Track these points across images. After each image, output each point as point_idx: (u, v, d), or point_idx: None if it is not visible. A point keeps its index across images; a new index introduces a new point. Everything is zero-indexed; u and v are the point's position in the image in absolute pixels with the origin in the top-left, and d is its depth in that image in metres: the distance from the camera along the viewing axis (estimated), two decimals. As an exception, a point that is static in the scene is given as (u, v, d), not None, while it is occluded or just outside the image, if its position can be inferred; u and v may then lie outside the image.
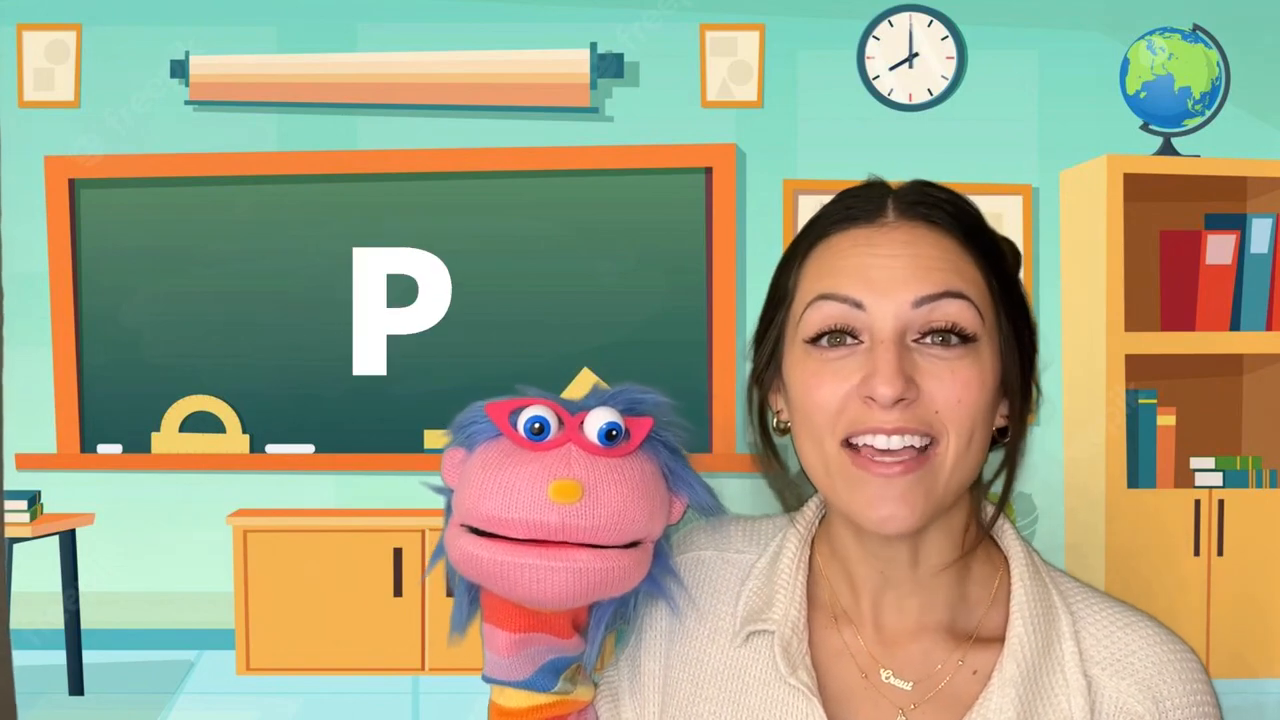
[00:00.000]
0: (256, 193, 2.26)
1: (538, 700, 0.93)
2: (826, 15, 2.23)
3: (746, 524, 1.01)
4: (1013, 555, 0.94)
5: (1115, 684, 0.89)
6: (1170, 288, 2.18)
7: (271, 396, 2.26)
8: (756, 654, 0.92)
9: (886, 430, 0.85)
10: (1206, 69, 2.15)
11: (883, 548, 0.91)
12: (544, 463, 0.86)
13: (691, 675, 0.95)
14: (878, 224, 0.90)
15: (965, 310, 0.86)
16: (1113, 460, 2.10)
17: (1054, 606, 0.92)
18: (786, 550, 0.96)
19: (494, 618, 0.90)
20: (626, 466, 0.88)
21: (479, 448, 0.89)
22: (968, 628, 0.92)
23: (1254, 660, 2.15)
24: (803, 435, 0.90)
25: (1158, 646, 0.91)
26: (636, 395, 0.92)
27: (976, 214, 0.92)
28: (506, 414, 0.88)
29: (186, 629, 2.23)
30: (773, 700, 0.90)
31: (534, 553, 0.84)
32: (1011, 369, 0.89)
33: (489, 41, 2.23)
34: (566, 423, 0.88)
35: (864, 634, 0.93)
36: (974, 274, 0.88)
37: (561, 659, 0.92)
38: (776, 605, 0.93)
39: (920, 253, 0.87)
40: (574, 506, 0.84)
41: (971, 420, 0.86)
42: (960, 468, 0.87)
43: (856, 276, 0.88)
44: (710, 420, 2.23)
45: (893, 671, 0.91)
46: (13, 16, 2.22)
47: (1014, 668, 0.88)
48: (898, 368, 0.84)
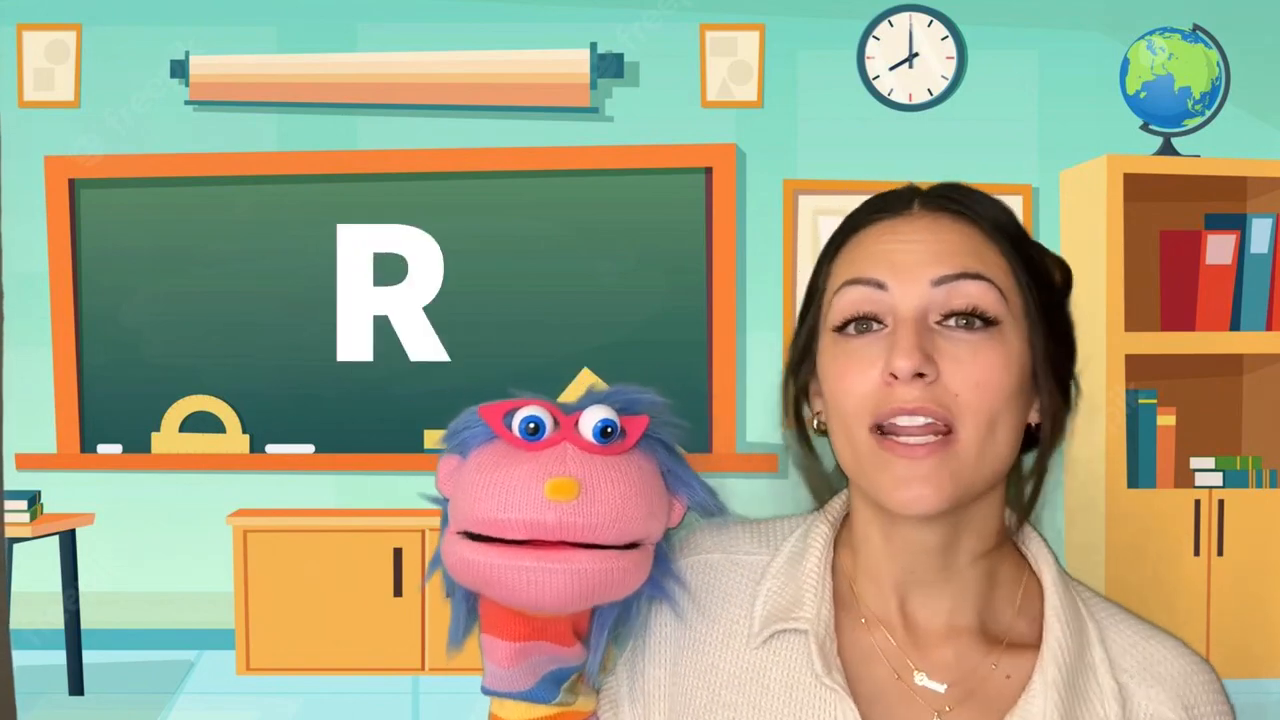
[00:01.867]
0: (256, 193, 2.26)
1: (539, 712, 0.92)
2: (826, 15, 2.23)
3: (753, 526, 1.00)
4: (1043, 561, 0.94)
5: (1146, 691, 0.89)
6: (1170, 288, 2.18)
7: (271, 396, 2.26)
8: (778, 655, 0.91)
9: (909, 409, 0.84)
10: (1206, 69, 2.15)
11: (912, 537, 0.90)
12: (540, 461, 0.85)
13: (705, 682, 0.93)
14: (903, 214, 0.90)
15: (986, 292, 0.87)
16: (1113, 460, 2.10)
17: (1081, 615, 0.92)
18: (813, 548, 0.95)
19: (493, 627, 0.89)
20: (623, 464, 0.87)
21: (473, 452, 0.88)
22: (998, 632, 0.92)
23: (1254, 660, 2.15)
24: (836, 427, 0.90)
25: (1182, 657, 0.92)
26: (632, 395, 0.91)
27: (1006, 211, 0.92)
28: (500, 416, 0.87)
29: (186, 629, 2.23)
30: (799, 703, 0.89)
31: (531, 555, 0.84)
32: (1041, 360, 0.89)
33: (489, 41, 2.23)
34: (561, 422, 0.87)
35: (895, 635, 0.92)
36: (998, 260, 0.88)
37: (563, 669, 0.91)
38: (806, 604, 0.92)
39: (942, 238, 0.88)
40: (571, 504, 0.83)
41: (992, 406, 0.85)
42: (986, 456, 0.87)
43: (880, 261, 0.88)
44: (710, 420, 2.23)
45: (926, 673, 0.90)
46: (13, 16, 2.22)
47: (1055, 670, 0.88)
48: (916, 342, 0.84)
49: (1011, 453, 0.89)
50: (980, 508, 0.90)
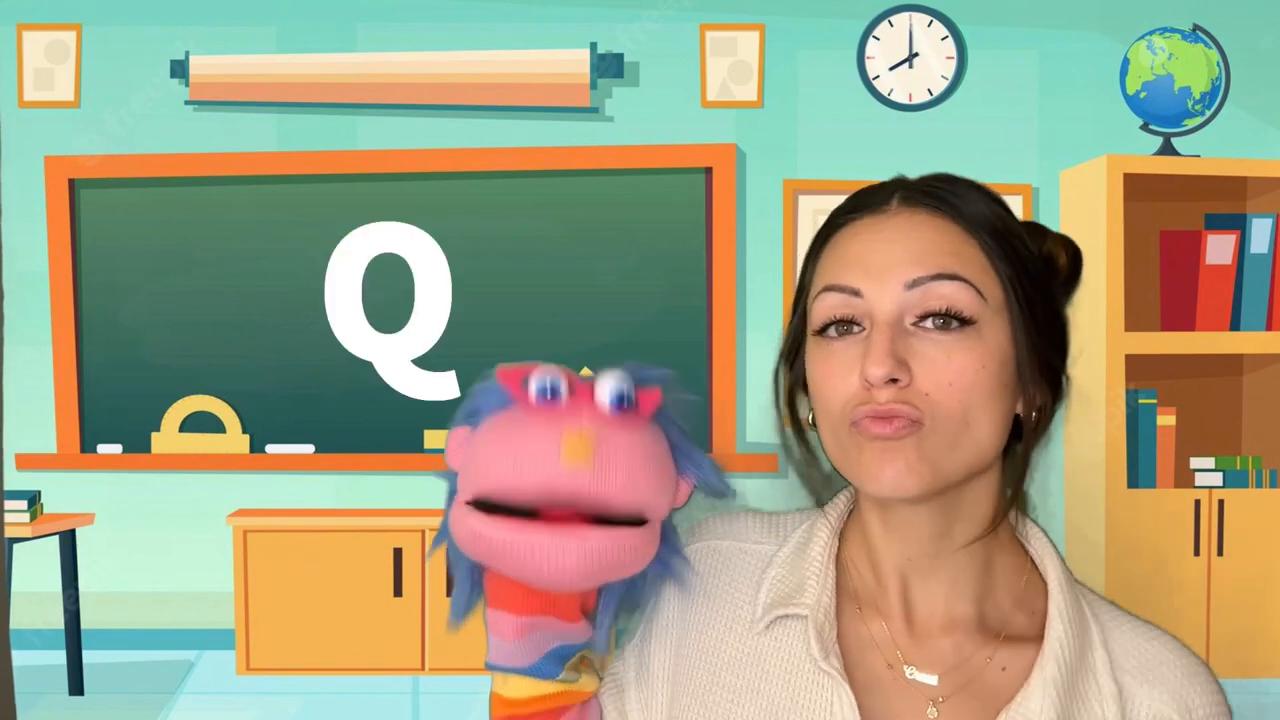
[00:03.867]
0: (256, 193, 2.26)
1: (542, 689, 0.92)
2: (826, 15, 2.23)
3: (763, 517, 1.01)
4: (1047, 556, 0.95)
5: (1146, 691, 0.90)
6: (1170, 288, 2.18)
7: (271, 396, 2.26)
8: (779, 641, 0.92)
9: (882, 413, 0.85)
10: (1206, 69, 2.15)
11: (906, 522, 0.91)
12: (554, 420, 0.85)
13: (706, 664, 0.95)
14: (881, 211, 0.91)
15: (961, 291, 0.87)
16: (1113, 460, 2.10)
17: (1084, 614, 0.92)
18: (817, 538, 0.96)
19: (500, 601, 0.89)
20: (637, 434, 0.88)
21: (486, 420, 0.89)
22: (996, 624, 0.93)
23: (1254, 660, 2.15)
24: (823, 426, 0.91)
25: (1183, 658, 0.93)
26: (643, 370, 0.92)
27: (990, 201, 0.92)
28: (518, 380, 0.88)
29: (186, 629, 2.23)
30: (797, 687, 0.90)
31: (544, 531, 0.84)
32: (1025, 354, 0.89)
33: (489, 41, 2.23)
34: (577, 389, 0.88)
35: (892, 627, 0.93)
36: (976, 256, 0.88)
37: (567, 646, 0.91)
38: (808, 590, 0.93)
39: (917, 236, 0.88)
40: (584, 470, 0.84)
41: (963, 403, 0.86)
42: (962, 445, 0.87)
43: (856, 265, 0.89)
44: (710, 420, 2.23)
45: (916, 667, 0.91)
46: (13, 16, 2.22)
47: (1055, 668, 0.89)
48: (888, 349, 0.85)
49: (994, 444, 0.89)
50: (971, 492, 0.91)
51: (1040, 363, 0.90)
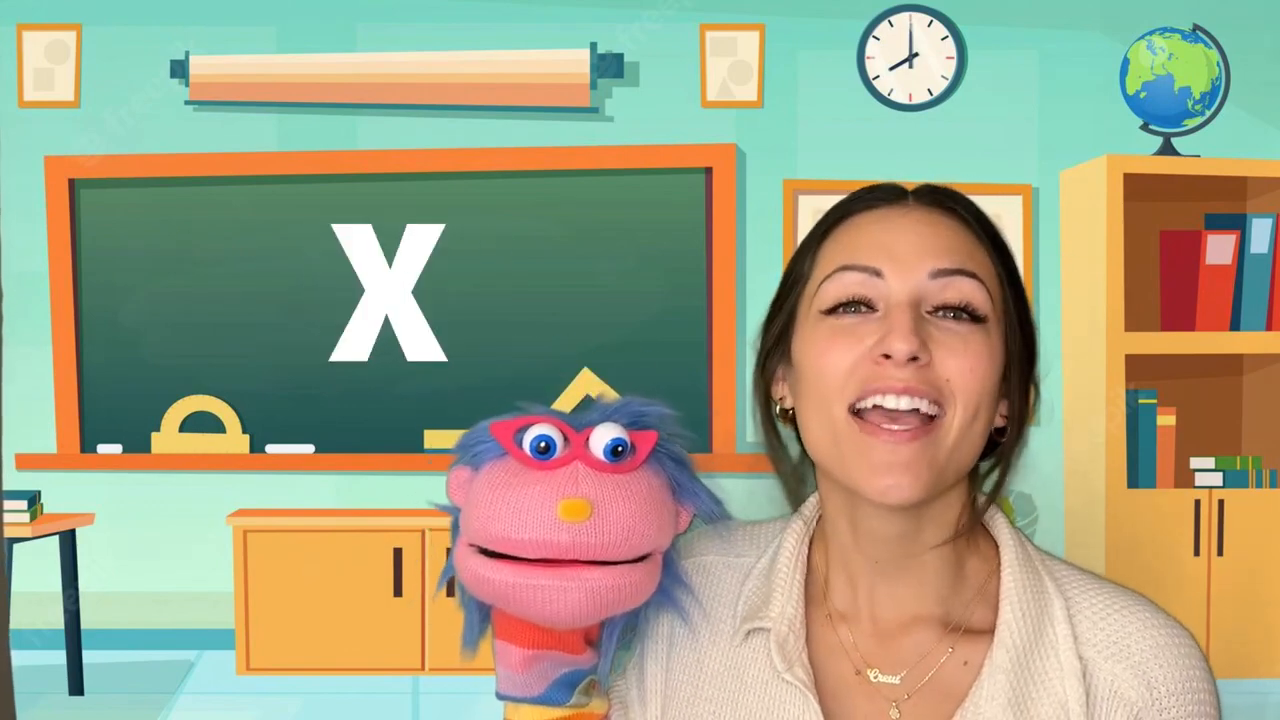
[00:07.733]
0: (256, 193, 2.26)
1: (553, 715, 0.93)
2: (826, 15, 2.23)
3: (750, 528, 1.02)
4: (1003, 544, 0.95)
5: (1110, 667, 0.90)
6: (1170, 288, 2.18)
7: (271, 396, 2.26)
8: (755, 652, 0.93)
9: (897, 389, 0.86)
10: (1206, 69, 2.15)
11: (877, 525, 0.91)
12: (552, 482, 0.86)
13: (692, 678, 0.96)
14: (899, 204, 0.92)
15: (978, 290, 0.88)
16: (1113, 460, 2.10)
17: (1046, 593, 0.93)
18: (784, 549, 0.97)
19: (506, 634, 0.90)
20: (634, 482, 0.89)
21: (485, 467, 0.89)
22: (958, 619, 0.93)
23: (1254, 660, 2.15)
24: (809, 407, 0.91)
25: (1154, 630, 0.93)
26: (640, 408, 0.93)
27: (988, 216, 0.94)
28: (511, 433, 0.88)
29: (186, 629, 2.23)
30: (770, 698, 0.91)
31: (546, 573, 0.85)
32: (1015, 362, 0.91)
33: (489, 41, 2.23)
34: (572, 440, 0.88)
35: (859, 630, 0.93)
36: (986, 262, 0.90)
37: (575, 673, 0.92)
38: (774, 603, 0.94)
39: (939, 232, 0.90)
40: (584, 525, 0.84)
41: (979, 393, 0.87)
42: (964, 443, 0.88)
43: (877, 248, 0.90)
44: (710, 420, 2.23)
45: (879, 669, 0.92)
46: (13, 16, 2.22)
47: (1004, 655, 0.89)
48: (913, 327, 0.86)
49: (980, 448, 0.90)
50: (941, 498, 0.91)
51: (1023, 371, 0.92)
